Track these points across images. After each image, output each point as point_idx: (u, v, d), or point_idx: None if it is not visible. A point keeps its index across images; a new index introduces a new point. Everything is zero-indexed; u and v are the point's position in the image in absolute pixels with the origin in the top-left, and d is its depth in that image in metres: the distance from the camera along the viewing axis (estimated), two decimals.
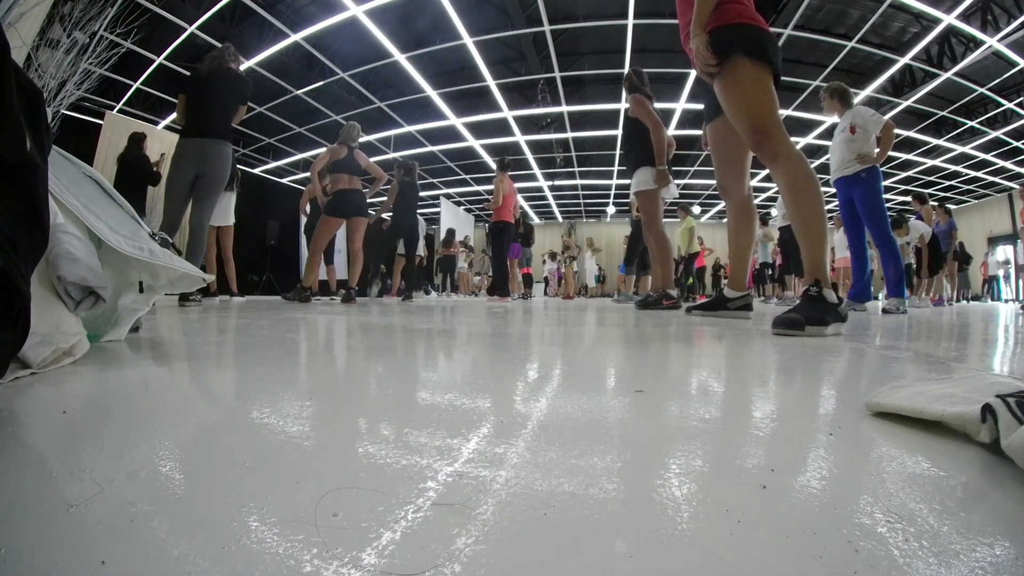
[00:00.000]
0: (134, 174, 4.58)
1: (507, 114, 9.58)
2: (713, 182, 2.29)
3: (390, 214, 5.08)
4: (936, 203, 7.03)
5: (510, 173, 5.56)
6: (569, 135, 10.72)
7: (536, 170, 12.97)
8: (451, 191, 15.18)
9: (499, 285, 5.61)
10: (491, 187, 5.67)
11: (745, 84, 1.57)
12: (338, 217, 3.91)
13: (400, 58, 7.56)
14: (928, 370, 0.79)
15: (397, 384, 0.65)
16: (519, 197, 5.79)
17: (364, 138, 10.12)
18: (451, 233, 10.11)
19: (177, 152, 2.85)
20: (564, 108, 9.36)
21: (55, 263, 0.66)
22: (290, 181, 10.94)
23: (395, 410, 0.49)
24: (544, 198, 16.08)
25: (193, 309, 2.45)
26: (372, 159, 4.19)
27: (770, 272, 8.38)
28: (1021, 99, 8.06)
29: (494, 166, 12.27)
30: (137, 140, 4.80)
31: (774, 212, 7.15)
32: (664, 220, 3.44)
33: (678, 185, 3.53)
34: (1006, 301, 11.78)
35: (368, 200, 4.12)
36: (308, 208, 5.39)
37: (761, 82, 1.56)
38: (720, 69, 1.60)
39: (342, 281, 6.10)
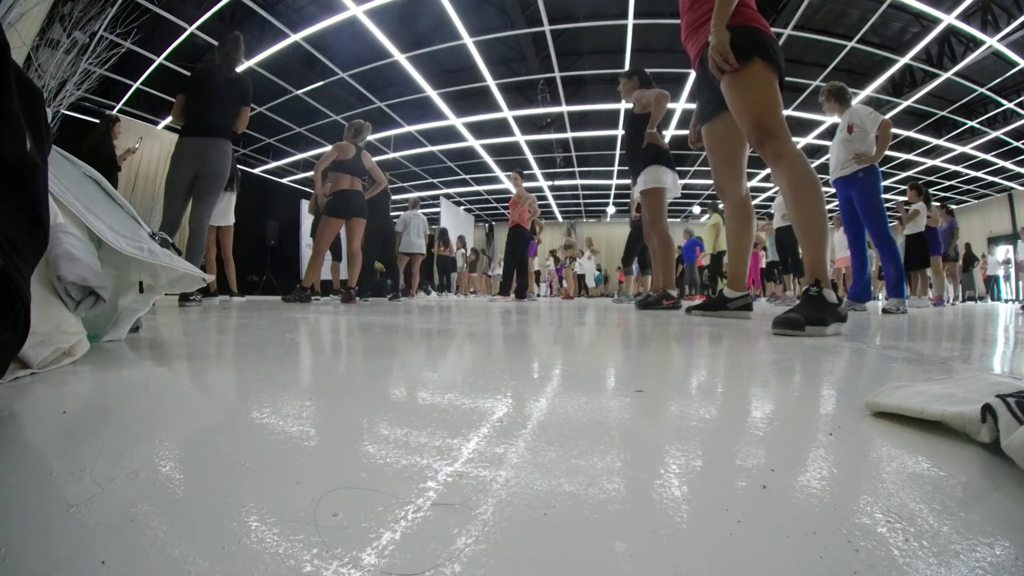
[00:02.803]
0: (96, 164, 4.45)
1: (507, 114, 9.57)
2: (712, 182, 2.29)
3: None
4: (937, 203, 7.01)
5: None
6: (569, 135, 10.71)
7: (536, 170, 12.97)
8: (451, 191, 15.17)
9: (504, 285, 5.79)
10: (492, 187, 5.77)
11: (756, 85, 1.60)
12: (338, 218, 3.90)
13: (400, 58, 7.55)
14: (928, 370, 0.79)
15: (397, 384, 0.65)
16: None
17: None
18: (443, 233, 10.19)
19: (177, 151, 2.84)
20: (564, 108, 9.35)
21: (55, 263, 0.66)
22: (290, 181, 10.93)
23: (395, 410, 0.49)
24: (544, 198, 16.07)
25: (193, 309, 2.45)
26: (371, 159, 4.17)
27: (776, 271, 8.32)
28: (1021, 99, 8.05)
29: (496, 168, 12.36)
30: (100, 127, 4.50)
31: (774, 212, 7.14)
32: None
33: (680, 185, 3.54)
34: (1006, 301, 11.78)
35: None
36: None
37: (770, 84, 1.60)
38: (735, 69, 1.61)
39: (343, 281, 6.10)
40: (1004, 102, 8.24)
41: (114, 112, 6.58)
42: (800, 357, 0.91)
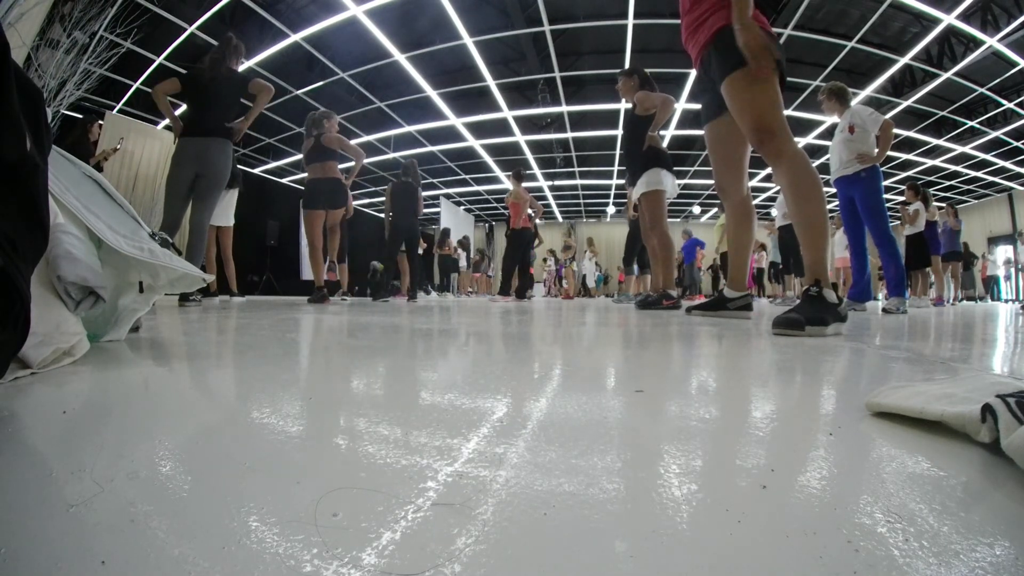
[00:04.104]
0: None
1: (507, 114, 9.57)
2: (712, 182, 2.30)
3: (391, 214, 5.11)
4: (939, 204, 7.01)
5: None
6: (569, 135, 10.71)
7: (536, 170, 12.96)
8: (451, 191, 15.17)
9: (503, 286, 5.81)
10: (491, 187, 5.80)
11: (755, 84, 1.60)
12: (312, 209, 3.89)
13: (400, 58, 7.55)
14: (928, 370, 0.79)
15: (397, 384, 0.65)
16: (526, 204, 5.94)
17: (364, 138, 10.13)
18: (445, 233, 10.22)
19: (178, 152, 2.84)
20: (564, 108, 9.35)
21: (55, 263, 0.66)
22: (290, 181, 10.93)
23: (395, 410, 0.49)
24: (544, 198, 16.07)
25: (193, 309, 2.45)
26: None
27: (774, 272, 8.33)
28: (1021, 99, 8.05)
29: (496, 168, 12.37)
30: (76, 128, 4.38)
31: (774, 212, 7.13)
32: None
33: (679, 185, 3.55)
34: (1006, 301, 11.77)
35: (353, 181, 4.06)
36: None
37: (769, 83, 1.59)
38: (735, 69, 1.61)
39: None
40: (1004, 102, 8.24)
41: (114, 112, 6.59)
42: (800, 357, 0.91)
